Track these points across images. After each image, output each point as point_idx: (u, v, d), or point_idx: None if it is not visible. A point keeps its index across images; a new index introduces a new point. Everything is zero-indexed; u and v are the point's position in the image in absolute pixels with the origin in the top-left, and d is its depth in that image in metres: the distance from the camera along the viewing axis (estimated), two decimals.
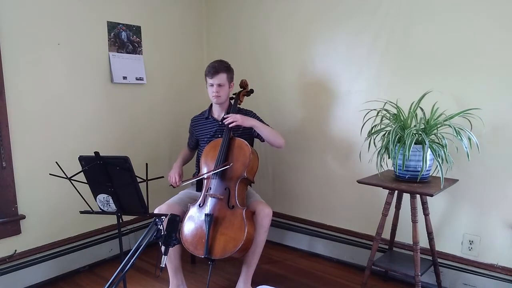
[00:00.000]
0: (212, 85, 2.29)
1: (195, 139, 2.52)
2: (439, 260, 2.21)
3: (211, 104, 2.45)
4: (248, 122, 2.25)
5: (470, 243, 2.17)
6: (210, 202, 2.12)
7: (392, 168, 2.05)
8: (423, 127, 1.98)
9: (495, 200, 2.06)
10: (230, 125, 2.21)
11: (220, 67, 2.27)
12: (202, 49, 3.22)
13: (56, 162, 1.80)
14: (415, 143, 1.88)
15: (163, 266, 1.49)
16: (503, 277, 2.08)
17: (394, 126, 1.92)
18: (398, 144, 1.90)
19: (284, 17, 2.73)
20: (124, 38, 2.66)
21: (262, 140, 2.41)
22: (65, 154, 2.35)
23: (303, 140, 2.76)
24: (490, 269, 2.11)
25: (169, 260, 2.14)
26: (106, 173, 1.69)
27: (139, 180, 1.67)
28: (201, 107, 2.59)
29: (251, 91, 2.52)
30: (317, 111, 2.67)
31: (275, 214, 2.37)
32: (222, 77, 2.27)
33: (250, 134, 2.42)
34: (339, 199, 2.65)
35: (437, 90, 2.10)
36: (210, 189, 2.16)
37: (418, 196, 2.00)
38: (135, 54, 2.73)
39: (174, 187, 2.37)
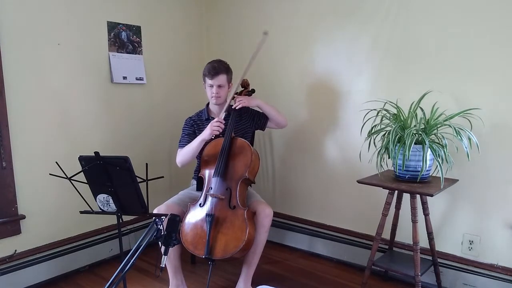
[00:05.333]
0: (212, 86, 2.27)
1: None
2: (439, 260, 2.21)
3: (207, 104, 2.43)
4: (253, 102, 2.32)
5: (470, 243, 2.17)
6: (211, 202, 2.11)
7: (392, 168, 2.05)
8: (423, 127, 1.98)
9: (495, 200, 2.06)
10: (238, 107, 2.26)
11: (220, 68, 2.25)
12: (202, 49, 3.22)
13: (56, 162, 1.80)
14: (415, 143, 1.88)
15: (163, 266, 1.49)
16: (503, 277, 2.08)
17: (394, 126, 1.93)
18: (398, 144, 1.90)
19: (284, 17, 2.73)
20: (124, 38, 2.66)
21: (263, 128, 2.43)
22: (65, 154, 2.35)
23: (303, 140, 2.76)
24: (490, 269, 2.11)
25: (169, 260, 2.14)
26: (106, 173, 1.69)
27: (139, 180, 1.67)
28: (201, 106, 2.59)
29: (253, 91, 2.52)
30: (317, 111, 2.67)
31: (275, 214, 2.37)
32: (222, 78, 2.26)
33: (250, 134, 2.42)
34: (339, 199, 2.65)
35: (437, 90, 2.10)
36: (211, 189, 2.15)
37: (418, 196, 2.00)
38: (135, 54, 2.73)
39: (222, 128, 2.19)
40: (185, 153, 2.26)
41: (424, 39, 2.17)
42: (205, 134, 2.18)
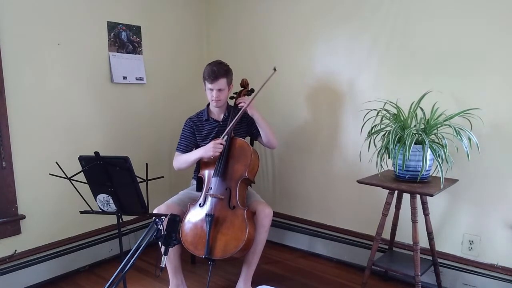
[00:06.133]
0: (211, 90, 2.25)
1: (194, 142, 2.37)
2: (439, 260, 2.21)
3: (208, 105, 2.43)
4: (252, 110, 2.28)
5: (470, 243, 2.17)
6: (210, 202, 2.12)
7: (392, 168, 2.05)
8: (423, 127, 1.98)
9: (495, 200, 2.06)
10: (239, 106, 2.28)
11: (219, 72, 2.21)
12: (202, 49, 3.22)
13: (56, 162, 1.80)
14: (415, 143, 1.88)
15: (163, 266, 1.49)
16: (503, 277, 2.08)
17: (394, 126, 1.93)
18: (398, 144, 1.90)
19: (284, 17, 2.73)
20: (124, 38, 2.66)
21: (255, 138, 2.44)
22: (65, 154, 2.35)
23: (303, 140, 2.76)
24: (490, 269, 2.11)
25: (169, 260, 2.14)
26: (106, 173, 1.69)
27: (139, 180, 1.67)
28: (201, 107, 2.59)
29: (252, 90, 2.52)
30: (317, 111, 2.67)
31: (275, 214, 2.36)
32: (222, 82, 2.23)
33: (249, 135, 2.43)
34: (339, 199, 2.65)
35: (437, 90, 2.10)
36: (211, 189, 2.15)
37: (418, 196, 2.00)
38: (135, 54, 2.73)
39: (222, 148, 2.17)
40: (182, 163, 2.30)
41: (424, 39, 2.17)
42: (206, 154, 2.15)
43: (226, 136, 2.19)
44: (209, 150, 2.14)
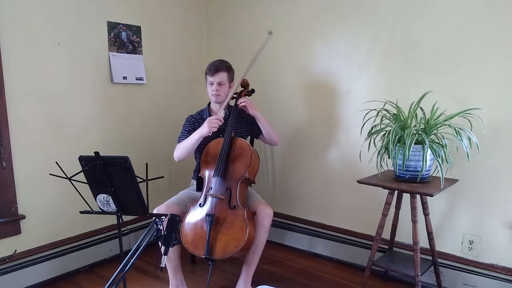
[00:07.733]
0: (212, 83, 2.28)
1: None
2: (439, 260, 2.21)
3: (209, 104, 2.43)
4: (253, 110, 2.29)
5: (470, 243, 2.17)
6: (211, 202, 2.11)
7: (392, 168, 2.05)
8: (423, 127, 1.98)
9: (495, 200, 2.06)
10: (240, 105, 2.27)
11: (221, 66, 2.27)
12: (202, 49, 3.22)
13: (56, 162, 1.80)
14: (415, 143, 1.88)
15: (163, 266, 1.49)
16: (503, 277, 2.08)
17: (394, 126, 1.93)
18: (398, 144, 1.90)
19: (284, 17, 2.73)
20: (124, 38, 2.66)
21: (257, 137, 2.44)
22: (65, 154, 2.35)
23: (303, 140, 2.76)
24: (490, 269, 2.11)
25: (169, 260, 2.14)
26: (106, 173, 1.68)
27: (139, 180, 1.67)
28: (201, 106, 2.59)
29: (252, 91, 2.52)
30: (317, 111, 2.67)
31: (275, 214, 2.36)
32: (222, 76, 2.27)
33: (250, 134, 2.43)
34: (339, 199, 2.65)
35: (437, 90, 2.10)
36: (211, 189, 2.15)
37: (418, 196, 2.00)
38: (135, 54, 2.73)
39: (220, 124, 2.18)
40: (182, 148, 2.24)
41: (424, 39, 2.17)
42: (203, 130, 2.15)
43: (224, 112, 2.20)
44: (206, 127, 2.13)
